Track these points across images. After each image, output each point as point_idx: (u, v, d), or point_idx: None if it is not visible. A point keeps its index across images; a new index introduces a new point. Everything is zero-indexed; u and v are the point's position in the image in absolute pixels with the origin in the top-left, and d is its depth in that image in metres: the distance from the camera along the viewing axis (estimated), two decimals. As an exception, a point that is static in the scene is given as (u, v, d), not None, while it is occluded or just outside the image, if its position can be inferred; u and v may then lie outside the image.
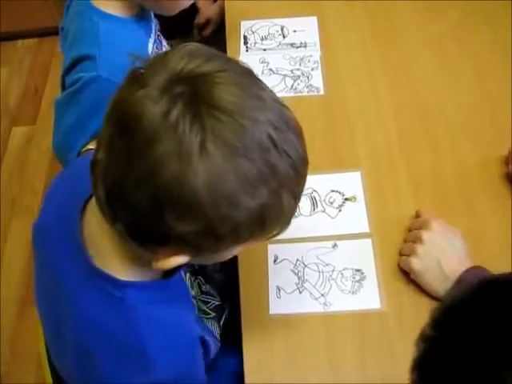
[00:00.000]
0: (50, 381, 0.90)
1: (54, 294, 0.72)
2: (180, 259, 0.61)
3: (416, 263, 0.87)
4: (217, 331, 0.91)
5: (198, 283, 0.92)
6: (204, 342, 0.78)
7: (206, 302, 0.92)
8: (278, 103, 0.60)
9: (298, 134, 0.61)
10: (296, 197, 0.61)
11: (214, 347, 0.83)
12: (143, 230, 0.58)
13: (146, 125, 0.53)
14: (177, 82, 0.54)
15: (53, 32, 2.21)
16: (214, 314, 0.93)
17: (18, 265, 1.72)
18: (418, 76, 1.16)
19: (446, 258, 0.86)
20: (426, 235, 0.88)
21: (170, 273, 0.74)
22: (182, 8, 1.01)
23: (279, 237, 0.92)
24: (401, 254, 0.91)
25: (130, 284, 0.66)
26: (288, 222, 0.64)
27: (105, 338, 0.66)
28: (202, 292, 0.92)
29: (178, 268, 0.74)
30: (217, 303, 0.95)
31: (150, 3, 1.02)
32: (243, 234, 0.59)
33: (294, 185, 0.60)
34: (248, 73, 0.60)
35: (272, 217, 0.59)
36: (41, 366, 0.92)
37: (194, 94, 0.53)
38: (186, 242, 0.57)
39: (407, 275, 0.89)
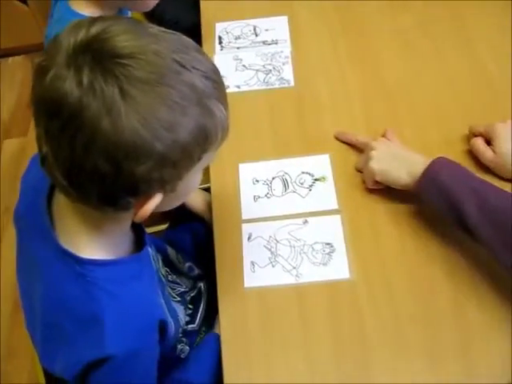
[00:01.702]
0: (43, 380, 0.95)
1: (29, 269, 0.77)
2: (155, 200, 0.65)
3: (374, 164, 0.96)
4: (181, 313, 0.95)
5: (166, 272, 0.98)
6: (164, 326, 0.81)
7: (172, 289, 0.97)
8: (170, 33, 0.64)
9: (199, 50, 0.66)
10: (221, 101, 0.65)
11: (174, 330, 0.86)
12: (113, 191, 0.62)
13: (68, 101, 0.57)
14: (75, 55, 0.58)
15: (42, 48, 2.29)
16: (179, 299, 0.98)
17: (12, 268, 1.75)
18: (383, 65, 1.23)
19: (401, 149, 0.99)
20: (373, 143, 0.99)
21: (139, 246, 0.79)
22: (155, 1, 1.08)
23: (253, 216, 1.00)
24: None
25: (93, 262, 0.70)
26: (227, 127, 0.68)
27: (67, 309, 0.70)
28: (168, 281, 0.97)
29: (144, 242, 0.80)
30: (182, 290, 1.01)
31: (127, 2, 1.09)
32: (194, 152, 0.63)
33: (214, 91, 0.64)
34: (132, 21, 0.65)
35: (211, 127, 0.63)
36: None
37: (94, 55, 0.58)
38: (151, 181, 0.62)
39: (375, 246, 0.95)
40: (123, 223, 0.73)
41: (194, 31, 1.36)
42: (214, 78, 0.65)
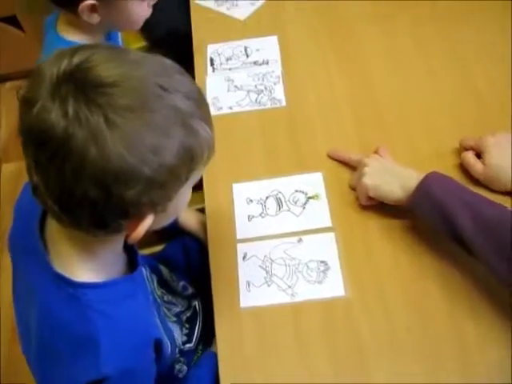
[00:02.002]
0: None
1: (25, 294, 0.78)
2: (147, 222, 0.67)
3: (367, 179, 0.98)
4: (177, 332, 0.96)
5: (161, 293, 0.98)
6: (159, 345, 0.82)
7: (168, 309, 0.98)
8: (151, 57, 0.66)
9: (180, 72, 0.67)
10: (205, 119, 0.67)
11: (170, 349, 0.87)
12: (104, 215, 0.63)
13: (54, 131, 0.58)
14: (59, 85, 0.59)
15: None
16: (175, 319, 0.98)
17: (10, 294, 1.76)
18: (374, 82, 1.24)
19: (393, 164, 0.99)
20: (366, 160, 1.00)
21: (132, 267, 0.81)
22: (142, 20, 1.10)
23: (248, 236, 1.01)
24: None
25: (86, 284, 0.71)
26: (213, 145, 0.69)
27: (62, 332, 0.71)
28: (164, 301, 0.98)
29: (137, 263, 0.81)
30: (177, 310, 1.01)
31: (114, 24, 1.11)
32: (181, 172, 0.65)
33: (197, 111, 0.65)
34: (112, 47, 0.67)
35: (196, 147, 0.65)
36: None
37: (77, 85, 0.59)
38: (140, 204, 0.63)
39: (369, 263, 0.96)
40: (115, 245, 0.75)
41: (188, 39, 1.38)
42: (197, 97, 0.66)
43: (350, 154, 1.08)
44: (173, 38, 1.68)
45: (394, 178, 0.96)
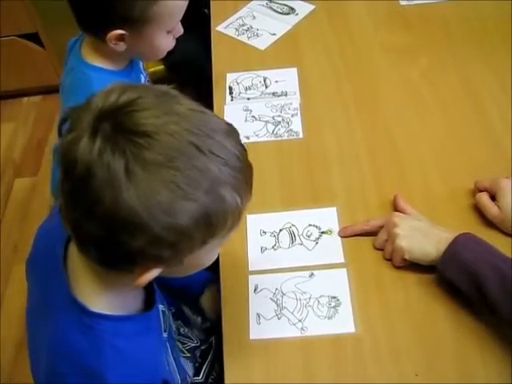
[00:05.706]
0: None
1: (39, 314, 0.79)
2: (152, 274, 0.66)
3: (402, 242, 0.94)
4: (190, 370, 0.96)
5: (178, 326, 0.98)
6: None
7: (182, 343, 0.98)
8: (199, 112, 0.64)
9: (226, 133, 0.64)
10: (238, 190, 0.64)
11: None
12: (109, 255, 0.63)
13: (78, 164, 0.58)
14: (99, 121, 0.59)
15: (56, 89, 2.35)
16: (189, 355, 0.98)
17: (17, 307, 1.78)
18: (391, 117, 1.25)
19: (423, 222, 0.97)
20: (395, 220, 0.97)
21: (149, 305, 0.81)
22: (166, 51, 1.12)
23: (260, 268, 1.01)
24: (387, 258, 1.00)
25: (102, 315, 0.71)
26: (239, 217, 0.67)
27: (72, 360, 0.71)
28: (180, 334, 0.98)
29: (154, 301, 0.81)
30: (193, 345, 1.01)
31: (138, 54, 1.13)
32: (196, 236, 0.62)
33: (232, 179, 0.62)
34: (163, 94, 0.64)
35: (217, 214, 0.62)
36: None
37: (114, 127, 0.59)
38: (146, 256, 0.62)
39: (380, 300, 0.96)
40: (130, 281, 0.73)
41: (204, 66, 1.40)
42: (236, 165, 0.64)
43: (368, 222, 1.04)
44: (186, 63, 1.71)
45: (427, 239, 0.94)
